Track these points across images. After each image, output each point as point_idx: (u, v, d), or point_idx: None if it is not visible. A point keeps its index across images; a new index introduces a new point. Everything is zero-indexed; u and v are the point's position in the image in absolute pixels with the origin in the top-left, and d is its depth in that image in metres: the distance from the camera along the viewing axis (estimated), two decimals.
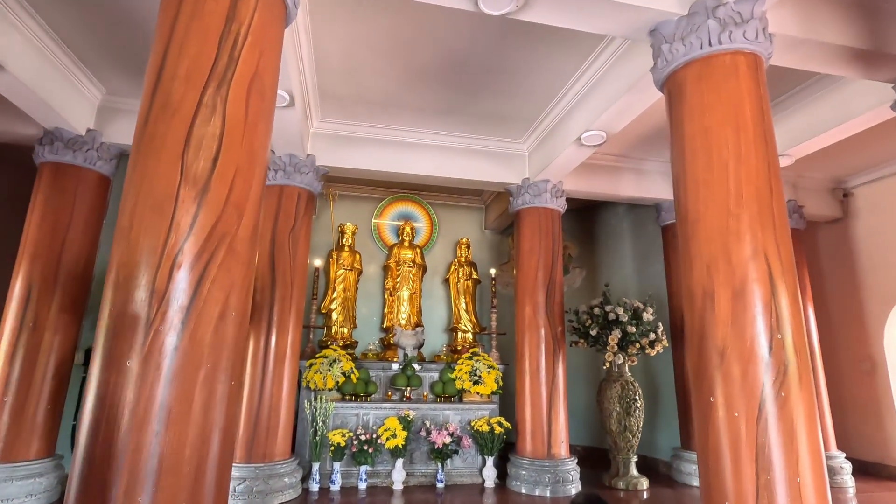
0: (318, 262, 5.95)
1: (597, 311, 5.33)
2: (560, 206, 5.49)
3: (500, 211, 6.93)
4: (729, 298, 2.43)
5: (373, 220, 7.04)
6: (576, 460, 4.92)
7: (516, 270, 5.48)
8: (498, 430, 4.99)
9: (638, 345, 5.04)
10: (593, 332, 5.18)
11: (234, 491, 4.10)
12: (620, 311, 5.13)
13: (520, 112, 4.93)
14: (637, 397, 5.20)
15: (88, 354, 4.65)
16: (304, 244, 4.91)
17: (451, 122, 5.17)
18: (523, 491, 4.75)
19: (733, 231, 2.48)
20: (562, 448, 4.90)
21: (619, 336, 5.05)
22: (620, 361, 5.07)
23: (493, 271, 6.31)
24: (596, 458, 6.21)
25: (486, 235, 7.45)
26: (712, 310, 2.48)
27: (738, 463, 2.28)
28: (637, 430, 5.16)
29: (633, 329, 5.06)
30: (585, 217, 7.41)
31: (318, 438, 4.71)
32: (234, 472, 4.18)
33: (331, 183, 6.75)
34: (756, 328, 2.35)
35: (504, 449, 5.12)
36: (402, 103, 4.80)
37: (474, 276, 6.72)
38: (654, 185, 5.92)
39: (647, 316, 5.21)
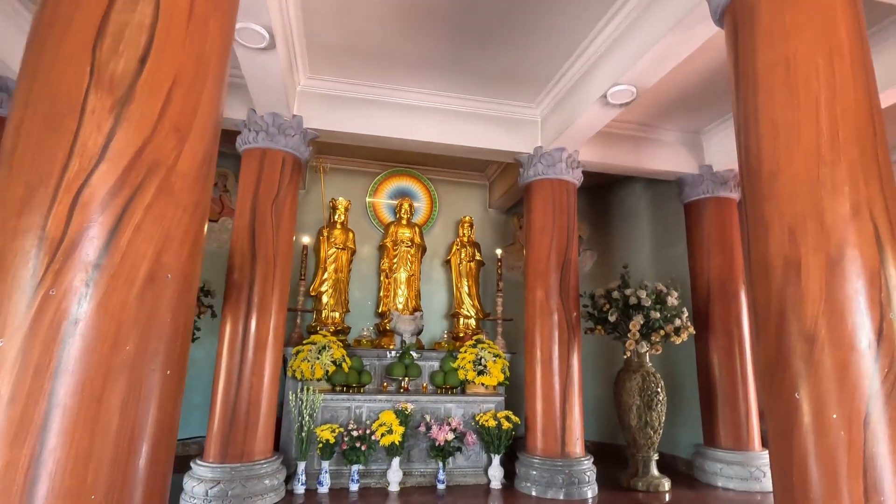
0: (306, 240, 5.38)
1: (615, 294, 4.81)
2: (576, 178, 4.94)
3: (506, 188, 6.38)
4: (821, 269, 1.89)
5: (367, 199, 6.46)
6: (592, 459, 4.43)
7: (526, 250, 4.94)
8: (506, 425, 4.48)
9: (662, 332, 4.53)
10: (612, 318, 4.66)
11: (207, 495, 3.58)
12: (643, 294, 4.61)
13: (534, 69, 4.36)
14: (659, 390, 4.70)
15: None
16: (289, 216, 4.34)
17: (456, 81, 4.59)
18: (534, 493, 4.26)
19: (827, 183, 1.94)
20: (577, 446, 4.40)
21: (642, 322, 4.53)
22: (644, 350, 4.55)
23: (498, 252, 5.78)
24: (609, 456, 5.73)
25: (490, 214, 6.90)
26: (797, 284, 1.94)
27: (836, 479, 1.76)
28: (659, 425, 4.67)
29: (657, 314, 4.54)
30: (597, 196, 6.87)
31: (304, 434, 4.19)
32: (207, 474, 3.66)
33: (321, 155, 6.18)
34: (858, 305, 1.82)
35: (512, 446, 4.62)
36: (400, 55, 4.21)
37: (478, 257, 6.18)
38: (676, 158, 5.38)
39: (672, 300, 4.69)
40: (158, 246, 1.35)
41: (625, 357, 4.77)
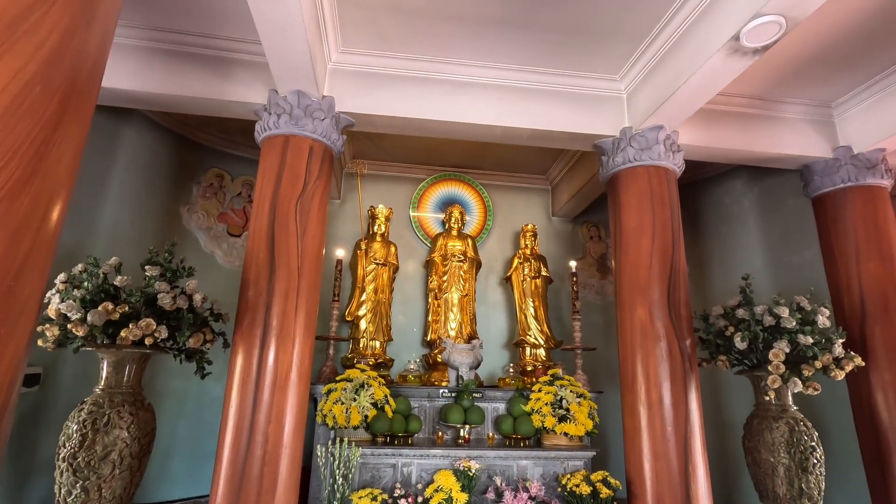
0: (341, 254, 4.50)
1: (741, 313, 3.63)
2: (677, 164, 3.87)
3: (574, 191, 5.36)
4: None
5: (410, 212, 5.57)
6: None
7: (616, 259, 3.86)
8: (605, 492, 3.31)
9: (818, 363, 3.30)
10: (741, 345, 3.47)
11: None
12: (784, 312, 3.42)
13: (622, 24, 3.39)
14: (815, 444, 3.43)
15: None
16: (317, 218, 3.45)
17: (520, 49, 3.68)
18: None
19: None
20: None
21: (787, 350, 3.32)
22: (796, 389, 3.29)
23: (572, 264, 4.70)
24: None
25: (555, 224, 5.86)
26: None
27: None
28: (819, 495, 3.37)
29: (808, 339, 3.32)
30: (682, 198, 5.72)
31: (337, 503, 3.16)
32: None
33: (357, 159, 5.37)
34: None
35: None
36: (453, 14, 3.34)
37: (544, 272, 5.12)
38: (802, 140, 4.23)
39: (823, 320, 3.47)
40: None
41: (766, 398, 3.53)
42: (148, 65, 3.55)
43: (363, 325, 4.65)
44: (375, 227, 5.02)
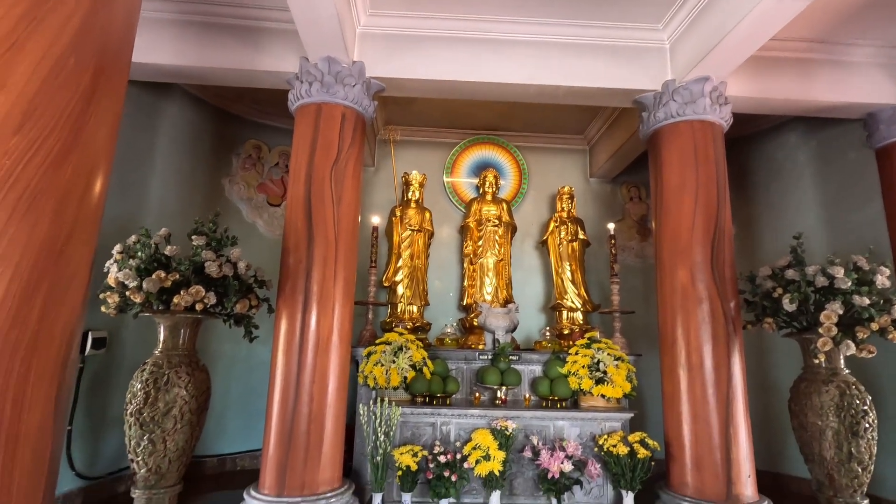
0: (376, 221, 4.55)
1: (790, 274, 3.47)
2: (724, 118, 3.66)
3: (613, 150, 5.16)
4: None
5: (444, 178, 5.54)
6: None
7: (656, 219, 3.73)
8: (642, 452, 3.33)
9: (875, 325, 3.13)
10: (790, 307, 3.33)
11: None
12: (839, 272, 3.24)
13: None
14: (867, 409, 3.30)
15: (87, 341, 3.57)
16: (352, 186, 3.49)
17: (555, 1, 3.51)
18: None
19: None
20: (747, 486, 3.14)
21: (840, 312, 3.16)
22: (849, 352, 3.15)
23: (611, 226, 4.58)
24: (772, 491, 4.30)
25: (592, 186, 5.70)
26: None
27: None
28: (869, 459, 3.28)
29: (864, 300, 3.15)
30: (729, 154, 5.41)
31: (379, 458, 3.32)
32: None
33: (389, 125, 5.34)
34: None
35: (647, 480, 3.45)
36: None
37: (581, 236, 5.02)
38: (866, 85, 3.88)
39: (882, 280, 3.27)
40: None
41: (815, 361, 3.40)
42: (182, 38, 3.60)
43: (400, 290, 4.74)
44: (409, 194, 5.03)
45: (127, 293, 2.97)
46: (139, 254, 3.07)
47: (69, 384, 0.71)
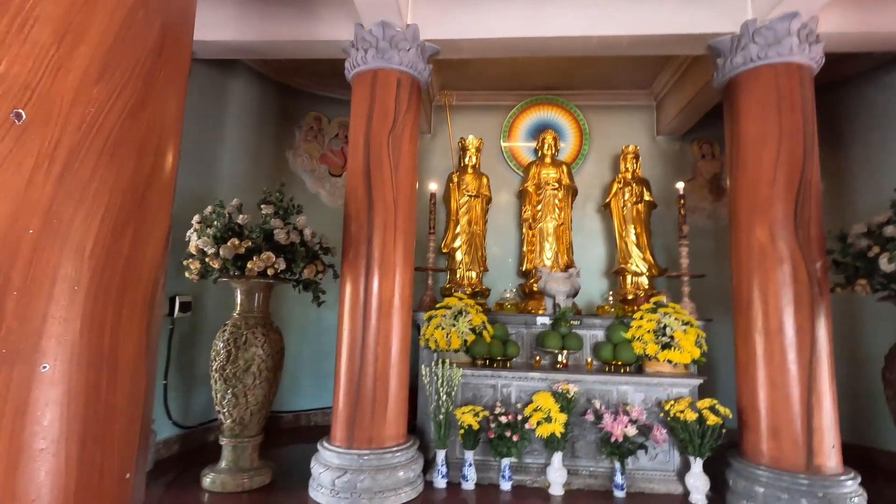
0: (433, 187, 4.57)
1: (890, 231, 3.13)
2: (814, 58, 3.29)
3: (682, 104, 4.82)
4: None
5: (501, 143, 5.42)
6: (858, 479, 2.94)
7: (731, 174, 3.47)
8: (712, 419, 3.20)
9: None
10: (889, 267, 3.01)
11: (334, 486, 3.02)
12: None
13: None
14: None
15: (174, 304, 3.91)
16: (409, 152, 3.51)
17: None
18: None
19: None
20: (830, 457, 2.96)
21: None
22: None
23: (679, 186, 4.31)
24: (859, 465, 4.02)
25: (659, 144, 5.37)
26: None
27: None
28: None
29: None
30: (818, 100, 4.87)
31: (442, 417, 3.43)
32: (333, 460, 3.10)
33: (445, 90, 5.27)
34: None
35: (717, 448, 3.32)
36: None
37: (647, 197, 4.78)
38: None
39: None
40: None
41: None
42: (243, 14, 3.71)
43: (459, 256, 4.77)
44: (466, 160, 4.99)
45: (206, 259, 3.20)
46: (215, 223, 3.28)
47: (157, 324, 0.78)
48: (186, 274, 3.36)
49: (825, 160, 4.80)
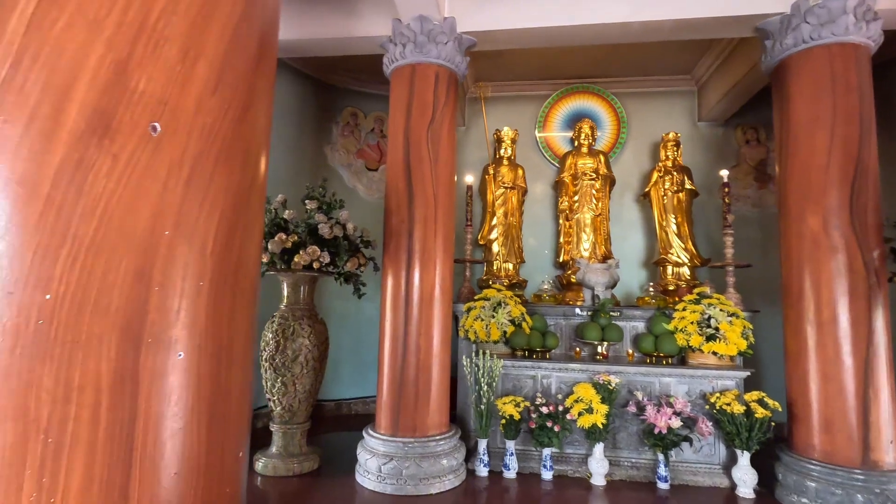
0: (469, 180, 4.59)
1: None
2: (872, 37, 3.13)
3: (726, 88, 4.67)
4: None
5: (536, 133, 5.38)
6: None
7: (781, 160, 3.35)
8: (761, 412, 3.14)
9: None
10: None
11: (381, 471, 3.12)
12: None
13: None
14: None
15: None
16: (447, 145, 3.54)
17: None
18: None
19: None
20: (888, 452, 2.86)
21: None
22: None
23: (724, 173, 4.19)
24: None
25: (701, 130, 5.22)
26: None
27: None
28: None
29: None
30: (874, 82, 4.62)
31: (483, 407, 3.48)
32: (379, 447, 3.20)
33: (480, 81, 5.26)
34: None
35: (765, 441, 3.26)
36: None
37: (688, 185, 4.67)
38: None
39: None
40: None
41: None
42: (284, 12, 3.79)
43: (495, 248, 4.79)
44: (502, 151, 4.98)
45: None
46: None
47: (257, 315, 0.84)
48: None
49: (883, 144, 4.59)
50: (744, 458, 3.22)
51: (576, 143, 5.05)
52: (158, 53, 0.58)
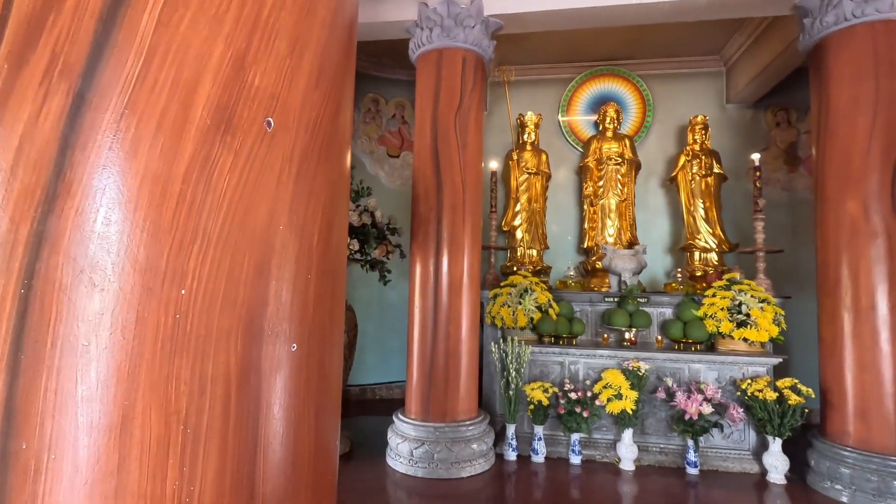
0: (494, 166, 4.55)
1: None
2: None
3: (757, 70, 4.54)
4: None
5: (559, 117, 5.31)
6: None
7: (819, 143, 3.27)
8: (793, 399, 3.12)
9: None
10: None
11: (412, 455, 3.17)
12: None
13: None
14: None
15: None
16: (475, 131, 3.52)
17: None
18: (844, 500, 2.89)
19: None
20: None
21: None
22: None
23: (755, 157, 4.10)
24: None
25: (729, 113, 5.11)
26: None
27: None
28: None
29: None
30: None
31: (511, 392, 3.51)
32: (410, 432, 3.25)
33: (503, 65, 5.19)
34: None
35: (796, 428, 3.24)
36: None
37: (717, 169, 4.59)
38: None
39: None
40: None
41: None
42: None
43: (519, 234, 4.77)
44: (525, 136, 4.93)
45: None
46: None
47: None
48: None
49: None
50: (775, 444, 3.20)
51: (601, 127, 4.98)
52: (270, 48, 0.58)
